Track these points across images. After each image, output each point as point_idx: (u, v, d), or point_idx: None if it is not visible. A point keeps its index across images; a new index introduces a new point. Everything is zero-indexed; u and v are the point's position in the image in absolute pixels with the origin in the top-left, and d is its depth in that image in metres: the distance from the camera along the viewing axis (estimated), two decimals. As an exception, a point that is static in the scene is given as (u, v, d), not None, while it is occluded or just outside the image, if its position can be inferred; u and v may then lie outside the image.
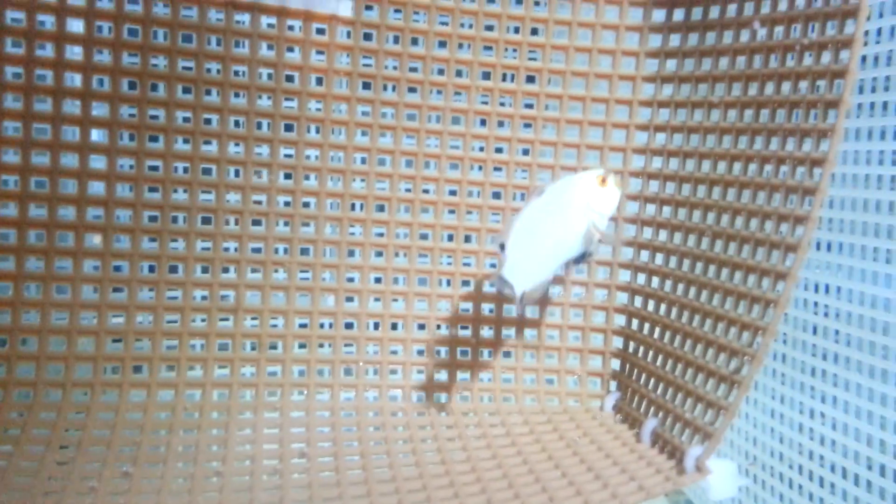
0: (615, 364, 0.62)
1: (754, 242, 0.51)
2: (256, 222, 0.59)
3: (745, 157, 0.53)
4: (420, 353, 0.61)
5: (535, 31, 0.61)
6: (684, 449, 0.50)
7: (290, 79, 0.58)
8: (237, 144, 0.58)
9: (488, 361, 0.62)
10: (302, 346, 0.59)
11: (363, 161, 0.60)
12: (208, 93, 0.57)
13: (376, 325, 0.61)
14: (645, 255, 0.61)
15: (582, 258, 0.52)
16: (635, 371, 0.60)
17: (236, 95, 0.57)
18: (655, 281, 0.59)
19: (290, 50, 0.58)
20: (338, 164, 0.59)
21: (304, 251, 0.59)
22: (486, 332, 0.62)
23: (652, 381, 0.57)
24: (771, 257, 0.50)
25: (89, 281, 0.56)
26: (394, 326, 0.61)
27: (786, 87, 0.51)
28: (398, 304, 0.61)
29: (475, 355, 0.61)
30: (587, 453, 0.52)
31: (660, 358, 0.57)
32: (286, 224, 0.59)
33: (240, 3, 0.56)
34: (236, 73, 0.57)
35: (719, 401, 0.50)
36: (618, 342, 0.62)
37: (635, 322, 0.61)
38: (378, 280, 0.61)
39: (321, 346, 0.60)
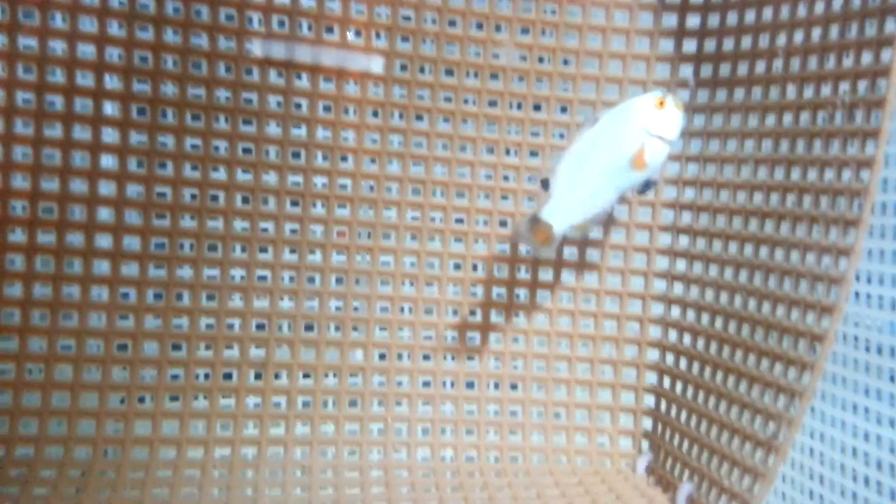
0: (647, 423, 0.61)
1: (789, 303, 0.50)
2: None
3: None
4: (449, 411, 0.61)
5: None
6: (721, 516, 0.49)
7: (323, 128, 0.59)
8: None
9: (518, 420, 0.61)
10: (327, 402, 0.59)
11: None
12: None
13: (406, 382, 0.60)
14: (676, 311, 0.60)
15: (646, 186, 0.50)
16: (668, 431, 0.59)
17: (266, 154, 0.58)
18: (688, 338, 0.59)
19: (327, 109, 0.59)
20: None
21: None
22: (512, 388, 0.61)
23: (686, 442, 0.56)
24: (807, 318, 0.49)
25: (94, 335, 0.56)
26: (425, 384, 0.60)
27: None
28: (428, 362, 0.61)
29: (504, 413, 0.61)
30: (621, 518, 0.52)
31: (693, 419, 0.56)
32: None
33: (274, 60, 0.57)
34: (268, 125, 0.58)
35: (757, 467, 0.49)
36: (649, 401, 0.61)
37: (667, 380, 0.60)
38: (407, 337, 0.60)
39: (350, 402, 0.59)
